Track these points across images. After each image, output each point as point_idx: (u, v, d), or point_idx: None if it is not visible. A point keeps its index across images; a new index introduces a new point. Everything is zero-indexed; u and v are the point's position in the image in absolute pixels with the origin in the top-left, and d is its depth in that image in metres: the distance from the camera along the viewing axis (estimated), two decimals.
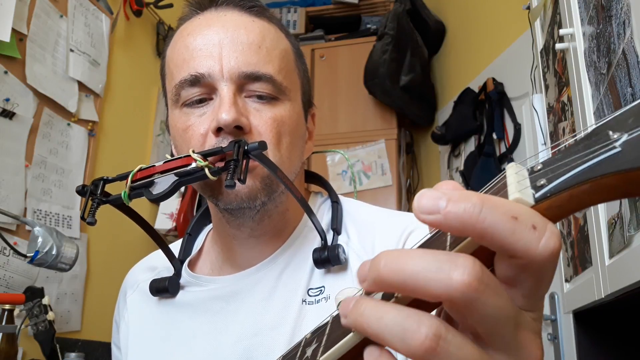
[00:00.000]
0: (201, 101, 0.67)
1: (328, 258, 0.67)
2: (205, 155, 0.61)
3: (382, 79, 2.60)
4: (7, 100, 1.55)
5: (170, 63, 0.71)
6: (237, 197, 0.65)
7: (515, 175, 0.28)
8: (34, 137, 1.66)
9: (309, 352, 0.33)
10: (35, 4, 1.69)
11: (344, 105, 2.86)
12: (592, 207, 1.09)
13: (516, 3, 1.80)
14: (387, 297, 0.30)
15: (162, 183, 0.62)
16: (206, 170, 0.60)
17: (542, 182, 0.27)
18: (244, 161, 0.59)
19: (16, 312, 1.39)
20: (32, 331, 1.44)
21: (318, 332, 0.34)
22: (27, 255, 1.32)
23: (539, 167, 0.28)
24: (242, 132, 0.64)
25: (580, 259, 1.21)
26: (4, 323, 1.34)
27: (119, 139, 2.09)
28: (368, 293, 0.31)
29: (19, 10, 1.60)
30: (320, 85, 2.90)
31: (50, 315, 1.44)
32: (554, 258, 0.26)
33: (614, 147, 0.25)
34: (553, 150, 0.29)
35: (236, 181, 0.58)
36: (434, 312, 0.31)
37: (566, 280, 1.34)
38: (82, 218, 0.65)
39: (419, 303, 0.28)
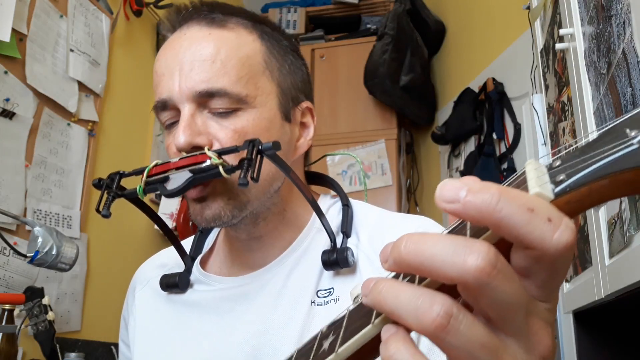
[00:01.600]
0: (174, 123, 0.70)
1: (337, 260, 0.68)
2: (220, 153, 0.63)
3: (382, 79, 2.60)
4: (7, 100, 1.55)
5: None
6: (202, 218, 0.67)
7: (534, 170, 0.29)
8: (34, 137, 1.65)
9: (325, 344, 0.34)
10: (35, 4, 1.69)
11: (344, 105, 2.86)
12: (592, 208, 1.09)
13: (516, 3, 1.80)
14: (410, 281, 0.31)
15: (177, 179, 0.63)
16: (220, 168, 0.61)
17: (561, 178, 0.28)
18: (257, 160, 0.61)
19: (16, 312, 1.39)
20: (32, 331, 1.44)
21: (335, 325, 0.35)
22: (27, 255, 1.32)
23: (557, 164, 0.29)
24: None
25: (580, 259, 1.21)
26: (4, 323, 1.34)
27: (119, 139, 2.09)
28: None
29: (19, 10, 1.60)
30: (320, 85, 2.90)
31: (50, 315, 1.44)
32: (568, 251, 0.27)
33: (632, 144, 0.26)
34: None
35: (249, 180, 0.59)
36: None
37: (566, 280, 1.34)
38: (97, 211, 0.67)
39: (442, 288, 0.29)
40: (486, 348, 0.27)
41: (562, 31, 1.20)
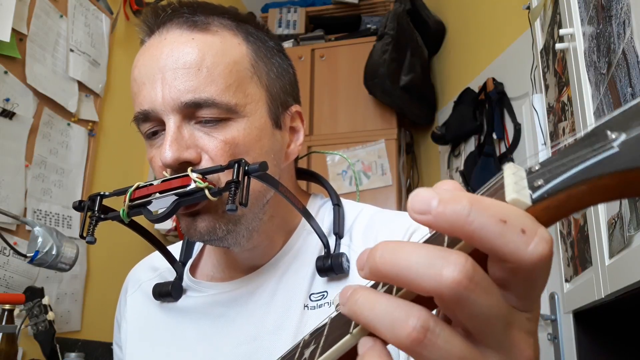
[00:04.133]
0: (155, 133, 0.66)
1: (331, 267, 0.67)
2: (203, 174, 0.59)
3: (382, 79, 2.60)
4: (7, 100, 1.55)
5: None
6: (196, 232, 0.64)
7: (512, 175, 0.28)
8: (34, 137, 1.65)
9: (307, 353, 0.33)
10: (35, 4, 1.69)
11: (344, 105, 2.86)
12: (592, 208, 1.09)
13: (516, 3, 1.80)
14: (388, 290, 0.30)
15: (161, 202, 0.60)
16: (206, 191, 0.58)
17: (539, 183, 0.27)
18: (245, 184, 0.58)
19: (16, 312, 1.39)
20: (32, 331, 1.44)
21: (316, 334, 0.34)
22: (27, 255, 1.32)
23: (537, 168, 0.28)
24: (192, 164, 0.62)
25: (580, 259, 1.21)
26: (4, 323, 1.34)
27: (119, 139, 2.09)
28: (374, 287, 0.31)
29: (19, 10, 1.60)
30: (320, 85, 2.90)
31: (50, 315, 1.44)
32: (544, 263, 0.26)
33: (612, 147, 0.25)
34: (553, 150, 0.29)
35: (238, 205, 0.56)
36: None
37: (566, 280, 1.34)
38: (82, 236, 0.64)
39: (421, 300, 0.28)
40: None
41: (562, 31, 1.20)
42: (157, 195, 0.60)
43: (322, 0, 3.34)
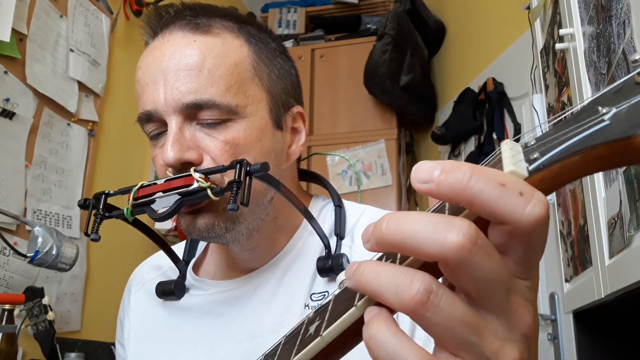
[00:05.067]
0: (160, 134, 0.68)
1: (332, 267, 0.67)
2: (206, 173, 0.61)
3: (382, 79, 2.60)
4: (7, 100, 1.55)
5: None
6: (195, 228, 0.65)
7: (509, 150, 0.30)
8: (34, 137, 1.65)
9: (311, 329, 0.34)
10: (35, 4, 1.69)
11: (344, 105, 2.86)
12: (592, 208, 1.09)
13: (516, 3, 1.80)
14: (393, 262, 0.31)
15: (165, 201, 0.62)
16: (208, 191, 0.59)
17: (535, 156, 0.28)
18: (246, 183, 0.59)
19: (16, 312, 1.39)
20: (32, 331, 1.44)
21: (320, 310, 0.35)
22: (27, 255, 1.32)
23: (532, 143, 0.30)
24: (194, 164, 0.63)
25: (580, 259, 1.21)
26: (4, 323, 1.34)
27: (119, 139, 2.09)
28: None
29: (19, 10, 1.60)
30: (320, 85, 2.90)
31: (50, 315, 1.44)
32: (541, 225, 0.27)
33: (603, 120, 0.27)
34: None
35: (239, 204, 0.58)
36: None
37: (566, 280, 1.34)
38: (86, 234, 0.65)
39: (424, 268, 0.29)
40: (467, 325, 0.27)
41: (562, 31, 1.20)
42: (160, 194, 0.61)
43: (322, 0, 3.34)
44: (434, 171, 0.28)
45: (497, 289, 0.28)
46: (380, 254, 0.34)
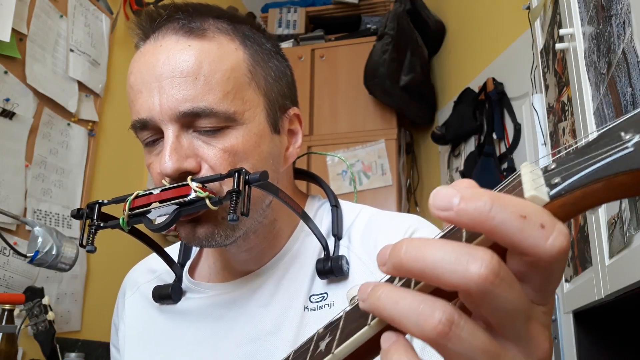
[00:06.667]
0: (155, 141, 0.66)
1: (331, 269, 0.67)
2: (203, 182, 0.59)
3: (382, 79, 2.60)
4: (7, 100, 1.55)
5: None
6: (194, 237, 0.64)
7: (530, 173, 0.29)
8: (34, 137, 1.65)
9: (322, 345, 0.34)
10: (35, 4, 1.69)
11: (344, 105, 2.86)
12: None
13: (516, 3, 1.80)
14: (406, 285, 0.31)
15: (161, 210, 0.60)
16: (207, 201, 0.58)
17: (556, 181, 0.28)
18: (246, 193, 0.58)
19: (16, 312, 1.39)
20: (32, 331, 1.44)
21: (331, 327, 0.35)
22: (27, 255, 1.32)
23: (552, 167, 0.29)
24: (192, 173, 0.62)
25: (580, 259, 1.21)
26: (4, 323, 1.34)
27: (119, 139, 2.09)
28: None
29: (19, 10, 1.60)
30: (320, 85, 2.90)
31: (50, 315, 1.44)
32: (562, 256, 0.27)
33: (627, 147, 0.26)
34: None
35: (239, 215, 0.57)
36: None
37: (566, 280, 1.34)
38: (82, 245, 0.63)
39: (436, 292, 0.29)
40: (487, 354, 0.27)
41: (562, 31, 1.20)
42: (157, 204, 0.60)
43: (322, 0, 3.34)
44: (453, 198, 0.28)
45: (517, 318, 0.28)
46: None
